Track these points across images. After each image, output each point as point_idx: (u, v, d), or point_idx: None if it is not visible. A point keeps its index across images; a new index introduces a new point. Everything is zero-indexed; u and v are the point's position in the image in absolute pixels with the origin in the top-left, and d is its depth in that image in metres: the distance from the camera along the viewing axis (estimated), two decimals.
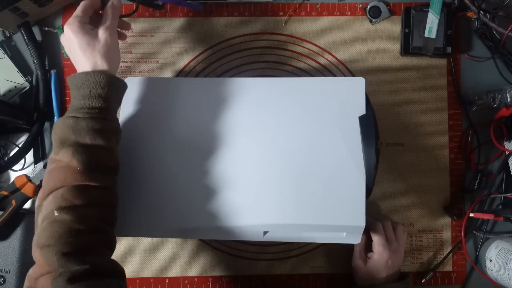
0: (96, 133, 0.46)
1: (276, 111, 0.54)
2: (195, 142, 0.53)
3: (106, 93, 0.48)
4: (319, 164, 0.52)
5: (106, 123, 0.48)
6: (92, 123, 0.46)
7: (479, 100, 0.65)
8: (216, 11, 0.66)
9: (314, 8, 0.66)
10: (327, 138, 0.52)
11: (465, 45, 0.67)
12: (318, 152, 0.52)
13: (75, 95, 0.48)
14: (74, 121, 0.46)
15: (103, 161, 0.47)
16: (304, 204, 0.51)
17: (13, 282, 0.61)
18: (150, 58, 0.66)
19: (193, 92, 0.55)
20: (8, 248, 0.61)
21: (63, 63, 0.65)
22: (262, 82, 0.56)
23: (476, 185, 0.65)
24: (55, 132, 0.47)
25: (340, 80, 0.57)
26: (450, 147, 0.66)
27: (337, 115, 0.53)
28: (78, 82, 0.48)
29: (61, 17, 0.65)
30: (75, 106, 0.48)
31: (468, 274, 0.65)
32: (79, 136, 0.46)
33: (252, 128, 0.54)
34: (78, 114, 0.47)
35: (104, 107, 0.48)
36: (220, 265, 0.65)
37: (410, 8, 0.64)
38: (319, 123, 0.53)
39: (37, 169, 0.62)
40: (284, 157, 0.52)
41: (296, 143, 0.53)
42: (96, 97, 0.47)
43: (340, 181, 0.51)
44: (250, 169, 0.52)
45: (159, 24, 0.66)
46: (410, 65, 0.66)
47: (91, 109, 0.47)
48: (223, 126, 0.54)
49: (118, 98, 0.51)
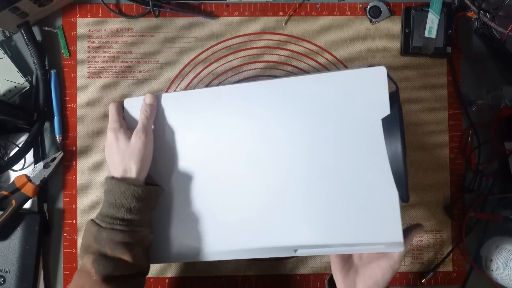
0: (115, 245, 0.46)
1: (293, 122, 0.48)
2: (220, 163, 0.51)
3: (131, 204, 0.48)
4: (345, 178, 0.47)
5: (129, 235, 0.47)
6: (112, 235, 0.46)
7: (479, 100, 0.65)
8: (216, 11, 0.66)
9: (314, 8, 0.66)
10: (349, 147, 0.47)
11: (465, 45, 0.67)
12: (341, 164, 0.47)
13: (104, 199, 0.49)
14: (97, 231, 0.47)
15: (122, 272, 0.47)
16: (335, 223, 0.47)
17: (13, 282, 0.61)
18: (150, 58, 0.66)
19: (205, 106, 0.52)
20: (8, 248, 0.61)
21: (63, 63, 0.65)
22: (271, 87, 0.50)
23: (476, 185, 0.64)
24: (83, 234, 0.49)
25: (355, 73, 0.47)
26: (450, 147, 0.66)
27: (356, 118, 0.46)
28: (108, 187, 0.49)
29: (61, 17, 0.65)
30: (102, 212, 0.49)
31: (468, 274, 0.65)
32: (100, 245, 0.47)
33: (274, 144, 0.49)
34: (102, 223, 0.48)
35: (127, 218, 0.48)
36: (220, 265, 0.65)
37: (410, 8, 0.64)
38: (338, 131, 0.47)
39: (37, 169, 0.62)
40: (307, 174, 0.48)
41: (318, 156, 0.48)
42: (120, 207, 0.47)
43: (369, 195, 0.46)
44: (276, 188, 0.49)
45: (159, 24, 0.66)
46: (410, 65, 0.66)
47: (114, 219, 0.47)
48: (246, 144, 0.50)
49: (147, 206, 0.50)
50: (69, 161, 0.65)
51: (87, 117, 0.65)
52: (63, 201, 0.65)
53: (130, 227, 0.47)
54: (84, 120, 0.65)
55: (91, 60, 0.66)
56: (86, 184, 0.65)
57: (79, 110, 0.65)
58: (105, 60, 0.66)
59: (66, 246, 0.64)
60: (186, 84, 0.66)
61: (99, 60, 0.66)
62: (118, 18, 0.66)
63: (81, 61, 0.66)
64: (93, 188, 0.65)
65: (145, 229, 0.49)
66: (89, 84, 0.65)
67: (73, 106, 0.65)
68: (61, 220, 0.64)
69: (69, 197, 0.65)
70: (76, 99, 0.65)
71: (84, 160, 0.65)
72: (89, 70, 0.66)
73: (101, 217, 0.48)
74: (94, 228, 0.48)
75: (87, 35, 0.66)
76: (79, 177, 0.65)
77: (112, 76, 0.66)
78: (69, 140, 0.65)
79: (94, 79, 0.66)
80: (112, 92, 0.65)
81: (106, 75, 0.66)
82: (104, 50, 0.66)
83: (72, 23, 0.65)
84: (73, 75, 0.65)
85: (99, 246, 0.47)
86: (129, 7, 0.66)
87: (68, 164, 0.65)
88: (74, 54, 0.65)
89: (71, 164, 0.65)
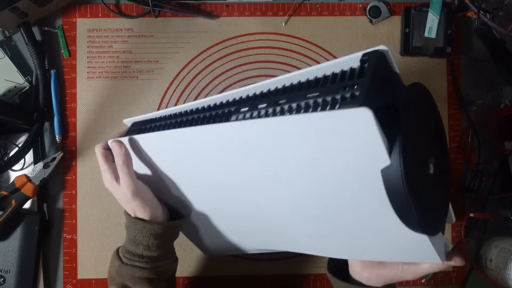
0: (136, 281, 0.47)
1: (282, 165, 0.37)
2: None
3: (149, 241, 0.48)
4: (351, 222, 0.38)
5: (149, 271, 0.48)
6: (132, 271, 0.47)
7: (479, 100, 0.65)
8: (216, 11, 0.66)
9: (314, 8, 0.66)
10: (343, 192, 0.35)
11: (465, 45, 0.67)
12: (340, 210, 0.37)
13: (126, 234, 0.49)
14: (118, 265, 0.48)
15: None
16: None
17: (13, 282, 0.61)
18: (150, 58, 0.66)
19: (183, 146, 0.43)
20: (8, 248, 0.61)
21: (63, 63, 0.65)
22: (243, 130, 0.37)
23: (476, 185, 0.64)
24: (110, 264, 0.51)
25: (332, 117, 0.30)
26: (450, 147, 0.66)
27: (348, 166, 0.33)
28: (127, 222, 0.49)
29: (61, 17, 0.65)
30: (125, 245, 0.49)
31: (468, 274, 0.65)
32: (121, 278, 0.48)
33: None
34: (123, 257, 0.48)
35: (146, 255, 0.48)
36: (220, 265, 0.65)
37: (410, 8, 0.64)
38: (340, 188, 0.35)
39: (36, 169, 0.62)
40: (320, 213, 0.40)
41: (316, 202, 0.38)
42: (139, 244, 0.48)
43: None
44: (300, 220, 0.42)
45: (159, 24, 0.66)
46: (410, 65, 0.66)
47: (134, 255, 0.48)
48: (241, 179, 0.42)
49: (167, 240, 0.50)
50: (69, 161, 0.65)
51: (87, 117, 0.65)
52: (63, 201, 0.65)
53: (149, 263, 0.48)
54: (84, 120, 0.65)
55: (91, 60, 0.66)
56: (86, 184, 0.65)
57: (79, 110, 0.65)
58: (105, 60, 0.66)
59: (66, 246, 0.64)
60: (186, 84, 0.66)
61: (99, 60, 0.66)
62: (118, 18, 0.66)
63: (81, 61, 0.66)
64: (93, 188, 0.65)
65: (165, 261, 0.50)
66: (89, 84, 0.65)
67: (73, 106, 0.65)
68: (61, 220, 0.64)
69: (69, 197, 0.65)
70: (76, 99, 0.65)
71: (84, 160, 0.65)
72: (89, 70, 0.65)
73: (123, 252, 0.49)
74: (117, 263, 0.49)
75: (87, 35, 0.66)
76: (79, 177, 0.65)
77: (112, 76, 0.66)
78: (69, 140, 0.65)
79: (94, 79, 0.65)
80: (112, 92, 0.65)
81: (106, 75, 0.66)
82: (104, 50, 0.66)
83: (72, 23, 0.65)
84: (73, 75, 0.65)
85: (122, 279, 0.48)
86: (129, 7, 0.66)
87: (68, 164, 0.65)
88: (74, 54, 0.65)
89: (71, 164, 0.65)
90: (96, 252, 0.64)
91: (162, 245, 0.49)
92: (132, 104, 0.66)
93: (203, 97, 0.66)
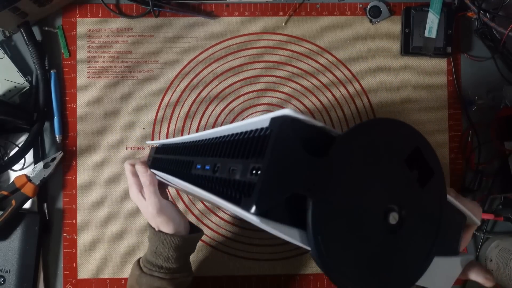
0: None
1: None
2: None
3: (169, 253, 0.49)
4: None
5: (167, 282, 0.49)
6: (151, 281, 0.49)
7: (479, 100, 0.65)
8: (216, 11, 0.66)
9: (314, 8, 0.66)
10: None
11: (465, 45, 0.67)
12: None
13: (149, 245, 0.51)
14: (139, 275, 0.50)
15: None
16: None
17: (13, 282, 0.61)
18: (150, 58, 0.66)
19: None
20: (8, 248, 0.61)
21: (63, 63, 0.65)
22: None
23: (476, 185, 0.64)
24: (130, 272, 0.52)
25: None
26: (450, 147, 0.66)
27: None
28: (150, 235, 0.51)
29: (61, 17, 0.65)
30: (146, 256, 0.51)
31: None
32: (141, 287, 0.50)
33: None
34: (144, 267, 0.50)
35: (166, 267, 0.50)
36: (220, 265, 0.65)
37: (410, 8, 0.64)
38: None
39: (37, 169, 0.62)
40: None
41: None
42: (159, 255, 0.50)
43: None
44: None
45: (159, 24, 0.66)
46: (410, 65, 0.66)
47: (154, 266, 0.50)
48: None
49: (185, 252, 0.52)
50: (69, 161, 0.65)
51: (87, 117, 0.65)
52: (63, 201, 0.65)
53: (168, 274, 0.50)
54: (84, 120, 0.65)
55: (91, 60, 0.66)
56: (86, 184, 0.65)
57: (79, 110, 0.65)
58: (105, 60, 0.66)
59: (66, 246, 0.64)
60: (186, 84, 0.66)
61: (99, 60, 0.66)
62: (118, 18, 0.66)
63: (81, 61, 0.66)
64: (93, 188, 0.65)
65: (183, 274, 0.51)
66: (89, 84, 0.65)
67: (73, 106, 0.65)
68: (61, 220, 0.64)
69: (69, 197, 0.65)
70: (76, 99, 0.65)
71: (84, 160, 0.65)
72: (89, 70, 0.65)
73: (144, 261, 0.51)
74: (137, 272, 0.50)
75: (87, 35, 0.66)
76: (79, 177, 0.65)
77: (112, 76, 0.66)
78: (69, 140, 0.65)
79: (94, 79, 0.66)
80: (112, 92, 0.65)
81: (106, 75, 0.66)
82: (104, 50, 0.66)
83: (72, 23, 0.65)
84: (73, 75, 0.65)
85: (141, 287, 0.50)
86: (129, 7, 0.66)
87: (68, 164, 0.65)
88: (74, 54, 0.65)
89: (71, 164, 0.65)
90: (96, 252, 0.64)
91: (181, 257, 0.51)
92: (132, 104, 0.66)
93: (203, 97, 0.66)
